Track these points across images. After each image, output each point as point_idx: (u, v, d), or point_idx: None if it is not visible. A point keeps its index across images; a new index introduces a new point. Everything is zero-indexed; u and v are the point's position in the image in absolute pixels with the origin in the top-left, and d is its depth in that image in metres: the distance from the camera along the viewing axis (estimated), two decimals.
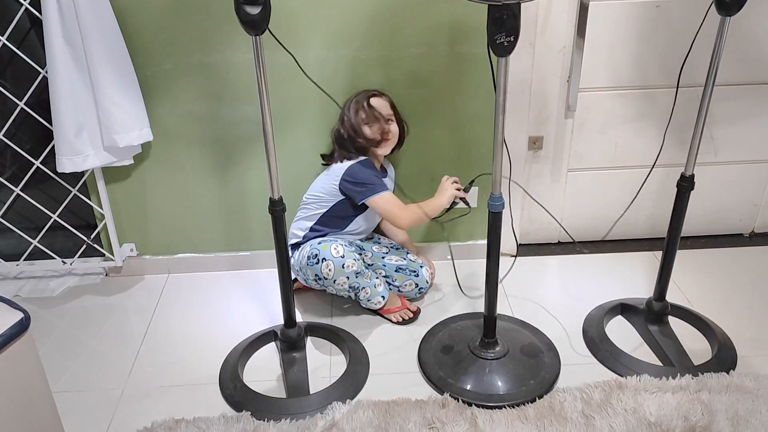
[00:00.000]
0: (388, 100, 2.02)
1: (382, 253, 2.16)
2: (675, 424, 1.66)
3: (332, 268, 1.93)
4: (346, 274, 1.94)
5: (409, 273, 2.13)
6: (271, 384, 1.88)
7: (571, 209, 2.45)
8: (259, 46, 1.55)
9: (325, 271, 1.94)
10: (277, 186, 1.72)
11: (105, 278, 2.39)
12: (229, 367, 1.93)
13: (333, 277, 1.94)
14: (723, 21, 1.61)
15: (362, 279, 2.00)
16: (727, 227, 2.53)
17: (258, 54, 1.55)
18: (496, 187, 1.68)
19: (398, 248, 2.21)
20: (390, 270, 2.13)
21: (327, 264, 1.93)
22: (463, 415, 1.72)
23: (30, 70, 2.02)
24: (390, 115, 2.00)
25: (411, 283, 2.13)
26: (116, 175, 2.21)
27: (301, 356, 1.94)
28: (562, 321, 2.08)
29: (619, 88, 2.24)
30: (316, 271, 1.95)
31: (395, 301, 2.11)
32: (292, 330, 1.93)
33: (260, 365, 1.95)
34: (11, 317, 1.26)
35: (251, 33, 1.52)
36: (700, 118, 1.73)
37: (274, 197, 1.73)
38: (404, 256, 2.17)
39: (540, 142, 2.31)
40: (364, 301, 2.07)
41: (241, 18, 1.49)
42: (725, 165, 2.40)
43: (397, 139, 2.04)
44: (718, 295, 2.19)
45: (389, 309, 2.09)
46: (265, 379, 1.89)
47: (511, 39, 1.45)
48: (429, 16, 2.03)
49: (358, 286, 2.01)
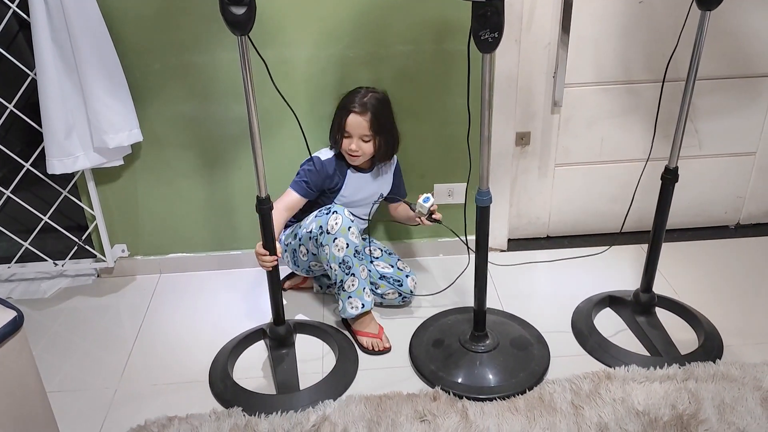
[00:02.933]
0: (368, 119, 1.93)
1: (373, 257, 2.15)
2: (663, 412, 1.68)
3: (339, 223, 1.90)
4: (348, 240, 1.91)
5: (392, 282, 2.10)
6: (261, 381, 1.89)
7: (559, 204, 2.48)
8: (244, 46, 1.56)
9: (332, 222, 1.90)
10: (264, 185, 1.74)
11: (97, 279, 2.40)
12: (218, 365, 1.94)
13: (335, 234, 1.90)
14: (703, 16, 1.64)
15: (358, 264, 1.95)
16: (713, 219, 2.56)
17: (243, 53, 1.57)
18: (483, 182, 1.70)
19: (390, 254, 2.20)
20: (374, 276, 2.10)
21: (336, 217, 1.91)
22: (455, 407, 1.74)
23: (18, 72, 2.03)
24: (364, 136, 1.94)
25: (394, 292, 2.11)
26: (106, 176, 2.22)
27: (290, 353, 1.95)
28: (551, 314, 2.10)
29: (604, 83, 2.26)
30: (322, 222, 1.92)
31: (374, 327, 2.01)
32: (281, 327, 1.94)
33: (250, 363, 1.97)
34: (5, 316, 1.27)
35: (237, 33, 1.54)
36: (683, 112, 1.76)
37: (261, 196, 1.75)
38: (393, 263, 2.15)
39: (527, 138, 2.33)
40: (345, 296, 1.97)
41: (227, 18, 1.51)
42: (710, 158, 2.43)
43: (376, 154, 1.99)
44: (705, 286, 2.22)
45: (366, 332, 2.00)
46: (254, 377, 1.91)
47: (495, 35, 1.47)
48: (415, 14, 2.05)
49: (350, 269, 1.94)
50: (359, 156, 1.98)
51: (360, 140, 1.96)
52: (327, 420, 1.70)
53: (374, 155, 2.01)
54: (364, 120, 1.94)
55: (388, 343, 2.00)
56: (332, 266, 1.94)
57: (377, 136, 1.97)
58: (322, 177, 2.00)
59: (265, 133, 2.13)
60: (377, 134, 1.97)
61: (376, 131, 1.96)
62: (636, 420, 1.67)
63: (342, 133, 1.97)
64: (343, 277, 1.96)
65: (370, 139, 1.96)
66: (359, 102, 1.94)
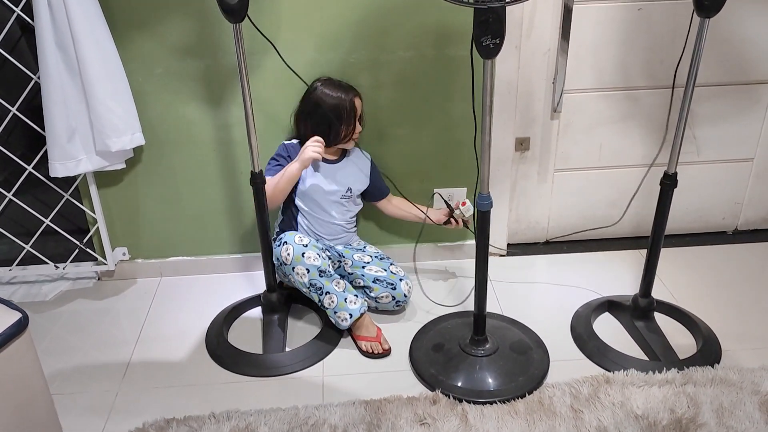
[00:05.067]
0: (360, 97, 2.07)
1: (363, 263, 2.13)
2: (661, 416, 1.69)
3: (291, 253, 1.92)
4: (306, 265, 1.92)
5: (386, 285, 2.10)
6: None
7: (558, 209, 2.49)
8: (239, 33, 1.73)
9: (284, 255, 1.93)
10: (257, 160, 1.88)
11: (98, 282, 2.40)
12: (216, 324, 2.13)
13: (291, 264, 1.92)
14: (702, 23, 1.65)
15: (328, 282, 1.95)
16: (711, 225, 2.58)
17: (238, 41, 1.74)
18: (484, 186, 1.71)
19: (382, 258, 2.19)
20: (368, 280, 2.10)
21: (287, 248, 1.93)
22: (454, 411, 1.74)
23: (21, 76, 2.04)
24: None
25: (388, 296, 2.10)
26: (108, 180, 2.23)
27: (281, 319, 2.11)
28: (550, 318, 2.11)
29: (604, 89, 2.28)
30: (277, 254, 1.96)
31: (371, 330, 2.01)
32: (273, 294, 2.09)
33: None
34: (9, 317, 1.27)
35: (231, 20, 1.70)
36: (682, 118, 1.77)
37: (255, 170, 1.90)
38: (386, 267, 2.14)
39: (527, 143, 2.35)
40: (331, 313, 1.99)
41: (222, 6, 1.67)
42: (708, 164, 2.44)
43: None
44: (703, 291, 2.23)
45: (363, 336, 2.00)
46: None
47: (497, 41, 1.48)
48: (416, 19, 2.06)
49: (321, 289, 1.95)
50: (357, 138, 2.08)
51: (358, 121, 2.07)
52: (326, 423, 1.71)
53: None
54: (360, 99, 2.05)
55: (387, 345, 2.00)
56: (304, 291, 1.99)
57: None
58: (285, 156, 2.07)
59: (263, 132, 2.14)
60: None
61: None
62: (635, 424, 1.68)
63: (354, 119, 2.03)
64: (318, 297, 1.98)
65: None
66: (344, 85, 2.04)
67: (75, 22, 1.86)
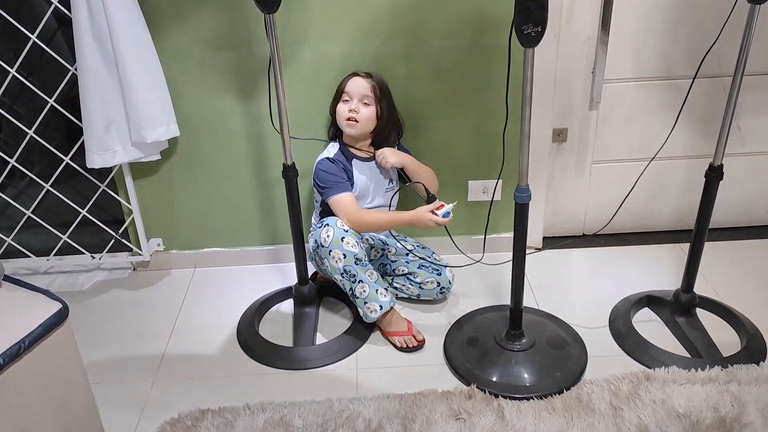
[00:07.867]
0: (371, 83, 1.93)
1: (406, 250, 2.14)
2: (705, 415, 1.65)
3: (331, 236, 1.89)
4: (344, 250, 1.89)
5: (431, 270, 2.09)
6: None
7: (596, 201, 2.44)
8: (272, 24, 1.72)
9: (324, 236, 1.90)
10: (289, 152, 1.88)
11: (133, 273, 2.42)
12: (247, 316, 2.13)
13: (329, 246, 1.90)
14: (753, 9, 1.59)
15: (362, 271, 1.93)
16: (755, 219, 2.51)
17: (271, 31, 1.73)
18: (522, 178, 1.68)
19: (424, 247, 2.19)
20: (413, 266, 2.10)
21: (328, 230, 1.90)
22: (490, 406, 1.72)
23: (59, 67, 2.05)
24: (365, 98, 1.92)
25: (433, 281, 2.08)
26: (143, 171, 2.24)
27: (311, 312, 2.10)
28: (587, 313, 2.07)
29: (644, 79, 2.22)
30: (316, 236, 1.93)
31: (401, 325, 1.99)
32: (305, 287, 2.10)
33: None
34: (50, 308, 1.28)
35: (264, 11, 1.69)
36: (729, 108, 1.71)
37: (287, 163, 1.89)
38: (429, 255, 2.15)
39: (564, 134, 2.30)
40: (360, 303, 1.96)
41: None
42: (753, 156, 2.37)
43: (379, 124, 1.96)
44: (746, 287, 2.17)
45: (395, 332, 1.98)
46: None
47: (539, 29, 1.45)
48: (454, 8, 2.03)
49: (355, 277, 1.92)
50: (357, 122, 1.93)
51: (360, 103, 1.93)
52: (361, 416, 1.70)
53: (377, 129, 1.98)
54: (367, 82, 1.94)
55: (421, 336, 1.98)
56: (336, 278, 1.95)
57: (380, 103, 1.93)
58: (340, 168, 1.99)
59: (296, 125, 2.13)
60: (380, 101, 1.93)
61: (380, 98, 1.93)
62: (677, 422, 1.64)
63: (339, 97, 1.95)
64: (351, 285, 1.95)
65: (372, 104, 1.93)
66: (361, 72, 1.96)
67: (112, 15, 1.87)
